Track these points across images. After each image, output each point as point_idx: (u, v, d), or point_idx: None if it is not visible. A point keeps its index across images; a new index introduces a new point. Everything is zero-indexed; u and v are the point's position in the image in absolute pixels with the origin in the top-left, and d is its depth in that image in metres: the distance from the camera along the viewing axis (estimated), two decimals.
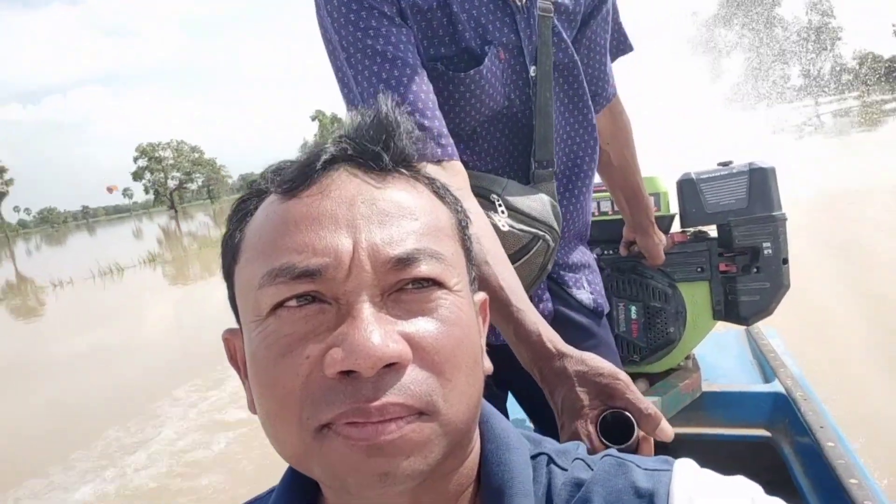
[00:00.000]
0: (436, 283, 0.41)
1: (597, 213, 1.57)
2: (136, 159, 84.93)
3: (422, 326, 0.39)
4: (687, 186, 1.46)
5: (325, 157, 0.43)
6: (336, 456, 0.38)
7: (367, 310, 0.38)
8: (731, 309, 1.47)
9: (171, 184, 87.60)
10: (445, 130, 0.84)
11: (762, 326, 2.24)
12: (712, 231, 1.53)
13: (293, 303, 0.40)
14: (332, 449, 0.38)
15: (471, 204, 0.80)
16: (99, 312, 10.74)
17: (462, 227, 0.48)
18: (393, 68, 0.82)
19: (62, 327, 9.98)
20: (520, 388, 1.09)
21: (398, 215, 0.41)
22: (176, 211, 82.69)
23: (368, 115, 0.45)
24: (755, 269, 1.42)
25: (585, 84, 1.05)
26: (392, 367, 0.37)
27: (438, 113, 0.85)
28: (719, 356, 2.03)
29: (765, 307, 1.43)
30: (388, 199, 0.42)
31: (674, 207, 1.52)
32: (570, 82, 1.03)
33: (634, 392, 0.67)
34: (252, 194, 0.46)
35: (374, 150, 0.43)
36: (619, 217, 1.48)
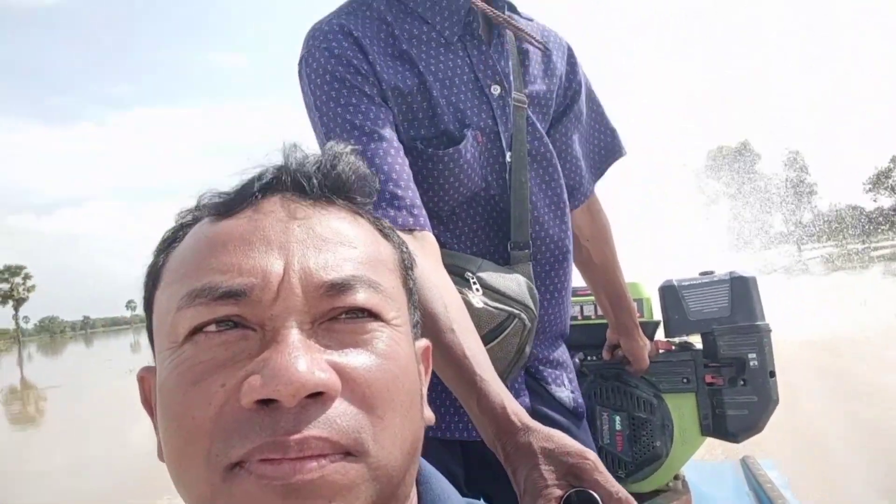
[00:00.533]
0: (372, 315, 0.38)
1: (580, 317, 1.55)
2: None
3: (354, 358, 0.36)
4: (669, 293, 1.46)
5: (262, 181, 0.41)
6: (246, 499, 0.33)
7: (294, 335, 0.35)
8: (720, 424, 1.40)
9: None
10: (419, 202, 0.86)
11: (759, 459, 2.13)
12: (697, 343, 1.50)
13: (213, 328, 0.36)
14: (243, 491, 0.33)
15: (441, 275, 0.80)
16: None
17: (405, 266, 0.46)
18: (369, 141, 0.85)
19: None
20: (495, 493, 1.01)
21: (336, 241, 0.39)
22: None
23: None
24: (742, 382, 1.38)
25: (561, 175, 1.08)
26: (318, 399, 0.34)
27: (413, 185, 0.86)
28: (714, 486, 1.91)
29: (754, 423, 1.37)
30: (327, 225, 0.40)
31: (657, 315, 1.50)
32: (546, 169, 1.06)
33: (604, 473, 0.62)
34: (184, 223, 0.44)
35: (311, 177, 0.42)
36: (602, 321, 1.46)
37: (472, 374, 0.69)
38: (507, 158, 1.00)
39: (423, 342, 0.48)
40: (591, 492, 0.60)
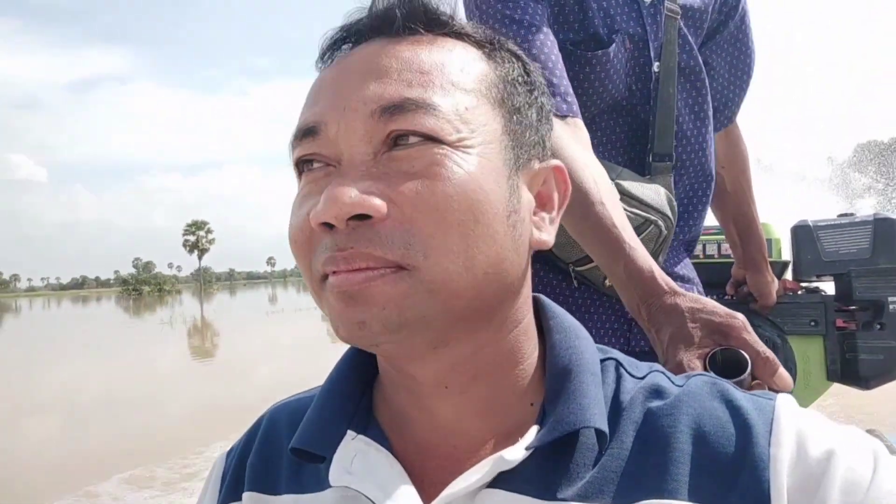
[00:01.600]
0: (429, 138, 0.39)
1: (702, 256, 1.53)
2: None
3: (406, 183, 0.38)
4: (802, 233, 1.41)
5: (351, 28, 0.45)
6: (329, 304, 0.39)
7: (357, 166, 0.39)
8: (849, 369, 1.35)
9: None
10: (572, 92, 0.88)
11: (887, 433, 1.97)
12: (826, 288, 1.44)
13: (306, 167, 0.42)
14: (328, 299, 0.39)
15: (591, 156, 0.83)
16: None
17: (509, 81, 0.44)
18: (527, 33, 0.88)
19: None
20: None
21: (398, 69, 0.40)
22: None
23: None
24: (878, 326, 1.31)
25: (709, 92, 1.06)
26: (366, 222, 0.37)
27: (566, 76, 0.89)
28: None
29: (889, 369, 1.30)
30: (395, 55, 0.41)
31: (785, 257, 1.46)
32: (694, 84, 1.05)
33: (752, 333, 0.63)
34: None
35: (385, 14, 0.43)
36: (725, 260, 1.44)
37: (621, 242, 0.72)
38: (655, 69, 1.00)
39: (550, 163, 0.46)
40: (738, 349, 0.61)
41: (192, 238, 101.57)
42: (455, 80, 0.41)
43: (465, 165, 0.39)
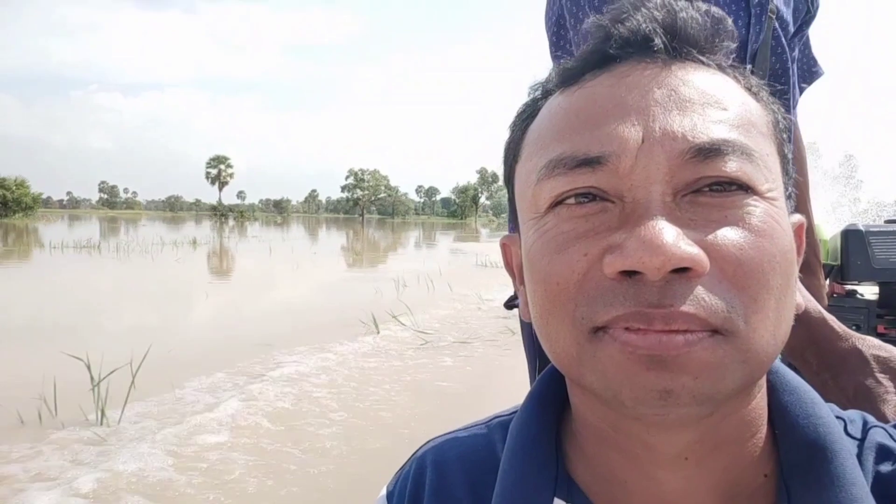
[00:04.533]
0: (743, 188, 0.34)
1: None
2: (346, 177, 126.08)
3: (723, 234, 0.33)
4: (854, 237, 1.41)
5: (614, 43, 0.38)
6: (611, 363, 0.33)
7: (656, 207, 0.33)
8: None
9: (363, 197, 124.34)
10: None
11: None
12: (868, 294, 1.45)
13: (572, 200, 0.36)
14: (608, 355, 0.33)
15: None
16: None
17: (780, 128, 0.40)
18: None
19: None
20: None
21: (702, 102, 0.35)
22: (363, 216, 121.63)
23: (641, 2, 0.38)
24: None
25: (792, 98, 1.03)
26: (683, 275, 0.32)
27: None
28: None
29: None
30: (691, 84, 0.36)
31: (830, 259, 1.47)
32: (782, 92, 1.01)
33: None
34: (538, 96, 0.43)
35: (665, 32, 0.37)
36: None
37: None
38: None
39: (797, 217, 0.42)
40: None
41: (213, 171, 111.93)
42: (754, 120, 0.37)
43: (777, 218, 0.35)
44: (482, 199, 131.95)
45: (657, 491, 0.38)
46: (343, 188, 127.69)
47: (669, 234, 0.32)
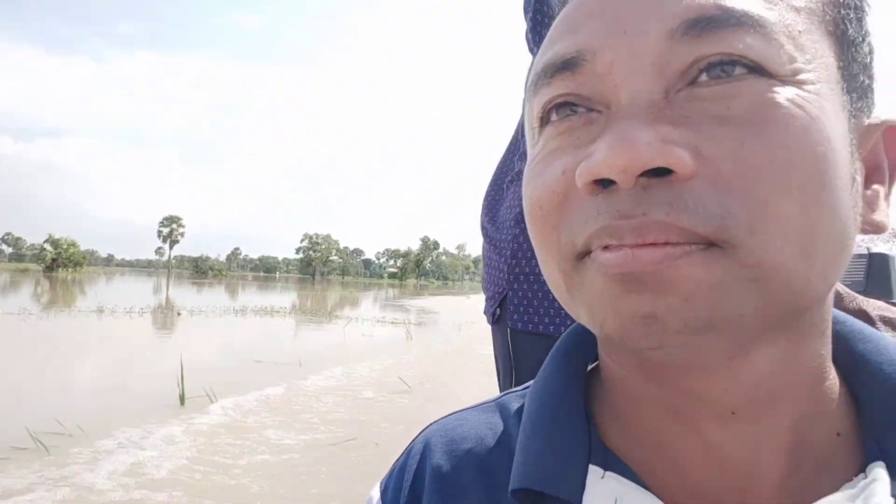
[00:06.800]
0: (752, 69, 0.28)
1: None
2: (301, 241, 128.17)
3: (722, 128, 0.28)
4: (879, 262, 1.42)
5: None
6: (594, 290, 0.29)
7: (639, 107, 0.29)
8: None
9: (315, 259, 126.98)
10: None
11: None
12: None
13: (555, 116, 0.33)
14: (591, 281, 0.29)
15: None
16: None
17: (843, 5, 0.32)
18: None
19: None
20: None
21: None
22: (314, 278, 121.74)
23: None
24: None
25: None
26: (663, 180, 0.27)
27: None
28: None
29: None
30: None
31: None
32: None
33: None
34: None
35: None
36: None
37: None
38: None
39: (883, 120, 0.34)
40: None
41: (165, 230, 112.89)
42: None
43: (806, 107, 0.28)
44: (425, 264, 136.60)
45: (709, 455, 0.32)
46: (297, 250, 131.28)
47: (642, 133, 0.27)
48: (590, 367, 0.41)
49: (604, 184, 0.29)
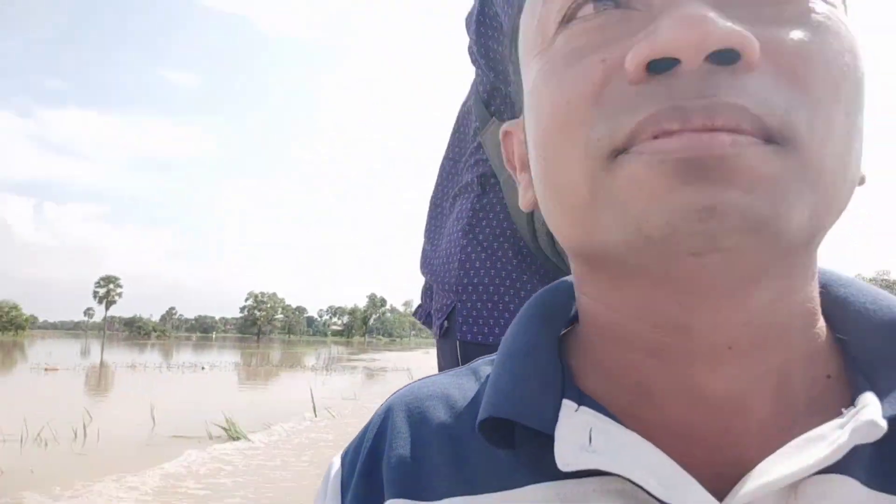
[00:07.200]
0: None
1: None
2: (245, 299, 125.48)
3: (779, 28, 0.27)
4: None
5: None
6: (634, 186, 0.26)
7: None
8: None
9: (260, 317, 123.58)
10: None
11: None
12: None
13: (589, 9, 0.29)
14: (630, 175, 0.26)
15: None
16: None
17: None
18: None
19: None
20: None
21: None
22: (258, 338, 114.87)
23: None
24: None
25: None
26: (728, 67, 0.25)
27: None
28: None
29: None
30: None
31: None
32: None
33: None
34: None
35: None
36: None
37: None
38: None
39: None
40: None
41: (101, 290, 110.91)
42: None
43: (850, 25, 0.28)
44: (371, 321, 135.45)
45: (694, 395, 0.30)
46: (241, 309, 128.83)
47: (712, 11, 0.25)
48: (562, 333, 0.38)
49: (659, 68, 0.26)
